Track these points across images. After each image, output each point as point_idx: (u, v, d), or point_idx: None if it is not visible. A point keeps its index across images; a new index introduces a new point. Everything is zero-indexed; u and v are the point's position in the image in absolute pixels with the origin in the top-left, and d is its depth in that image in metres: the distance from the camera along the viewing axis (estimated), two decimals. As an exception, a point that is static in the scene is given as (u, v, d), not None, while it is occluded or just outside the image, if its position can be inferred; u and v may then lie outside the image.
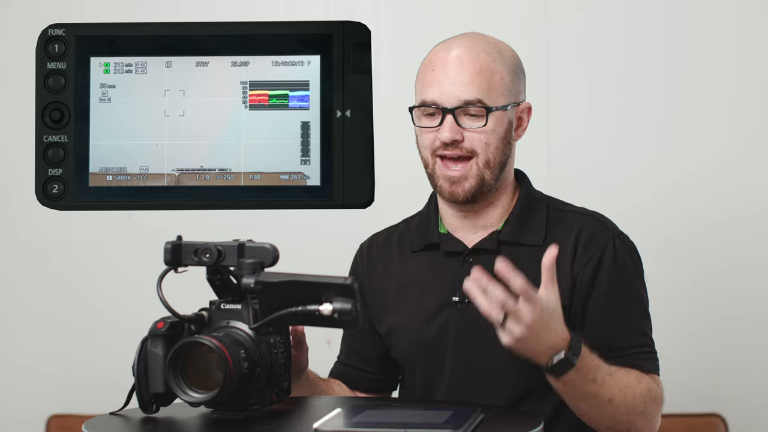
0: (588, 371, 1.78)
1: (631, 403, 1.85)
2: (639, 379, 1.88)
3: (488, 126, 1.93)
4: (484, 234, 2.00)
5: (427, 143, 1.96)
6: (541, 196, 2.05)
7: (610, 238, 1.98)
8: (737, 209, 2.97)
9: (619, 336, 1.93)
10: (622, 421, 1.85)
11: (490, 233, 2.00)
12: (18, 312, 3.17)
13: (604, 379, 1.81)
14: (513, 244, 1.98)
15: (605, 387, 1.81)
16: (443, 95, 1.93)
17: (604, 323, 1.93)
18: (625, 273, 1.97)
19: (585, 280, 1.94)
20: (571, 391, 1.79)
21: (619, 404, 1.84)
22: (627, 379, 1.86)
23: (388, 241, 2.09)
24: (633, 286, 1.97)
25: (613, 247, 1.96)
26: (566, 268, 1.95)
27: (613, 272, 1.95)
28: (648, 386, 1.89)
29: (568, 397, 1.81)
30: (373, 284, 2.05)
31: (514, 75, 1.98)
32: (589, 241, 1.97)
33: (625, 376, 1.86)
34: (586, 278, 1.94)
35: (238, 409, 1.55)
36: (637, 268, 2.00)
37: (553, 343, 1.73)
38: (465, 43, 1.97)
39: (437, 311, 1.98)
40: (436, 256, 2.02)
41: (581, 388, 1.79)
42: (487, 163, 1.95)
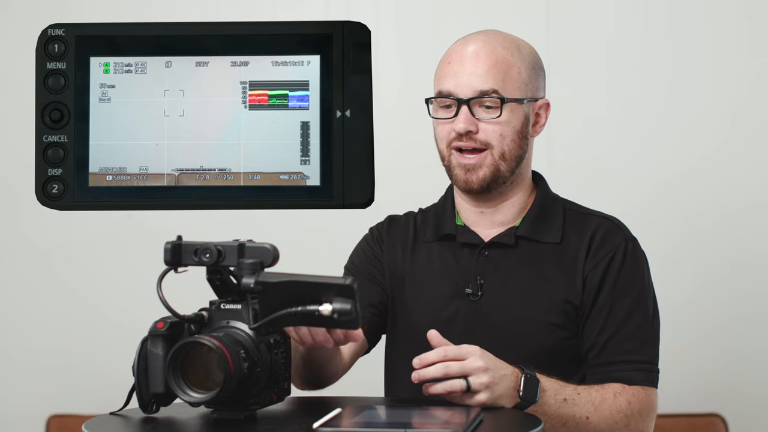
0: (555, 392, 1.81)
1: (610, 419, 1.86)
2: (616, 393, 1.88)
3: (503, 117, 1.94)
4: (502, 229, 2.01)
5: (443, 135, 1.97)
6: (558, 197, 2.07)
7: (623, 241, 1.98)
8: (738, 209, 2.97)
9: (615, 339, 1.93)
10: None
11: (508, 228, 2.00)
12: (18, 312, 3.17)
13: (574, 397, 1.83)
14: (530, 241, 1.99)
15: (578, 406, 1.83)
16: (459, 86, 1.95)
17: (605, 325, 1.94)
18: (632, 278, 1.97)
19: (594, 280, 1.96)
20: (550, 419, 1.81)
21: (598, 421, 1.85)
22: (600, 395, 1.87)
23: (406, 225, 2.09)
24: (639, 292, 1.97)
25: (624, 251, 1.97)
26: (579, 266, 1.96)
27: (620, 275, 1.96)
28: (628, 399, 1.89)
29: (550, 426, 1.82)
30: (390, 260, 2.05)
31: (532, 70, 1.99)
32: (603, 242, 1.98)
33: (598, 392, 1.87)
34: (596, 278, 1.96)
35: (238, 409, 1.55)
36: (645, 276, 2.00)
37: (511, 375, 1.75)
38: (483, 38, 1.98)
39: (448, 301, 1.98)
40: (450, 247, 2.02)
41: (556, 412, 1.81)
42: (503, 155, 1.95)
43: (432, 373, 1.72)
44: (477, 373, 1.71)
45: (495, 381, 1.72)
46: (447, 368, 1.71)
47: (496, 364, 1.74)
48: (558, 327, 1.93)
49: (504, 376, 1.73)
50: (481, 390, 1.71)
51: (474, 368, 1.71)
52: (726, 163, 2.97)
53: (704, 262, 2.96)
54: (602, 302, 1.95)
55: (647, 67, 2.99)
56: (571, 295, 1.95)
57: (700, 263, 2.97)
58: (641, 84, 2.99)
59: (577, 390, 1.84)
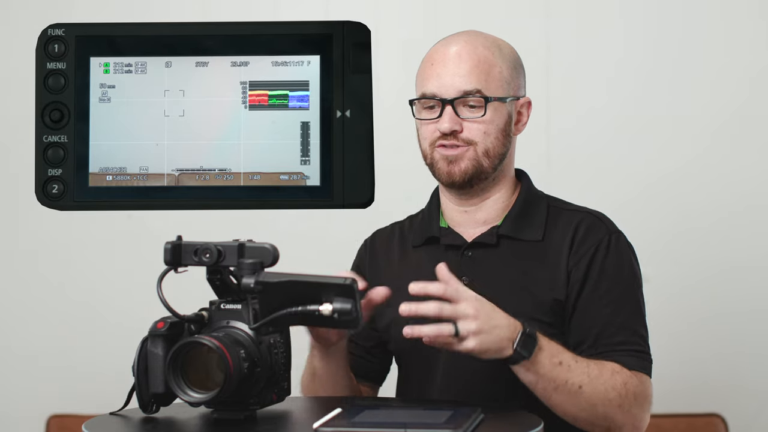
0: (552, 354, 1.80)
1: (603, 394, 1.84)
2: (614, 371, 1.87)
3: (487, 116, 1.96)
4: (484, 229, 2.01)
5: (427, 135, 1.98)
6: (542, 194, 2.07)
7: (606, 234, 1.98)
8: (738, 208, 2.97)
9: (607, 331, 1.93)
10: (599, 414, 1.85)
11: (490, 228, 2.01)
12: (18, 312, 3.17)
13: (570, 364, 1.82)
14: (512, 239, 2.00)
15: (573, 372, 1.81)
16: (442, 87, 1.96)
17: (593, 318, 1.94)
18: (617, 270, 1.97)
19: (578, 275, 1.95)
20: (542, 380, 1.80)
21: (591, 393, 1.83)
22: (598, 369, 1.85)
23: (391, 236, 2.12)
24: (626, 283, 1.97)
25: (607, 244, 1.97)
26: (562, 262, 1.96)
27: (605, 268, 1.96)
28: (624, 380, 1.87)
29: (540, 388, 1.81)
30: (375, 278, 2.06)
31: (513, 69, 2.01)
32: (585, 237, 1.98)
33: (596, 366, 1.85)
34: (580, 273, 1.95)
35: (238, 409, 1.55)
36: (632, 268, 2.00)
37: (507, 328, 1.75)
38: (464, 38, 2.00)
39: None
40: (436, 250, 2.03)
41: (550, 373, 1.80)
42: (486, 152, 1.97)
43: (423, 310, 1.72)
44: (466, 320, 1.71)
45: (484, 330, 1.72)
46: (440, 308, 1.72)
47: (489, 313, 1.73)
48: (543, 324, 1.92)
49: (497, 326, 1.73)
50: (468, 336, 1.71)
51: (464, 314, 1.72)
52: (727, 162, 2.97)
53: (704, 262, 2.96)
54: (588, 296, 1.94)
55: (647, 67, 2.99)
56: (556, 292, 1.95)
57: (700, 262, 2.97)
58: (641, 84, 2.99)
59: (576, 358, 1.84)
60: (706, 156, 2.97)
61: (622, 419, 1.87)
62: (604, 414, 1.85)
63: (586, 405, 1.84)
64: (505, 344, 1.75)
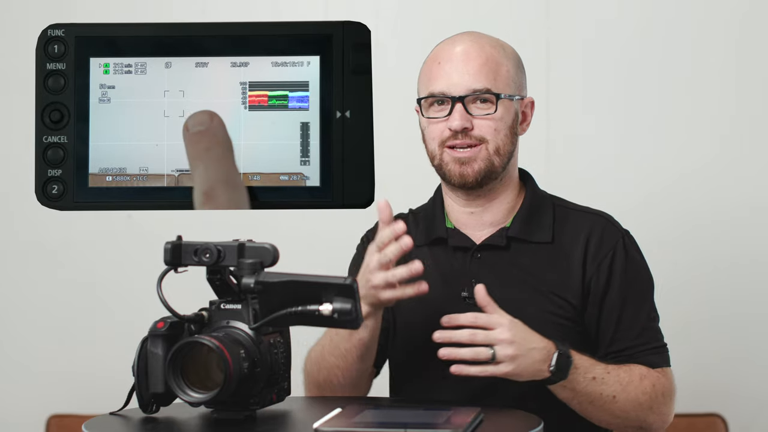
0: (585, 370, 1.84)
1: (635, 400, 1.89)
2: (642, 375, 1.91)
3: (498, 113, 1.95)
4: (491, 231, 2.01)
5: (436, 134, 1.97)
6: (547, 195, 2.07)
7: (619, 237, 2.00)
8: (738, 207, 2.97)
9: (631, 335, 1.96)
10: (631, 418, 1.90)
11: (499, 230, 2.00)
12: (18, 312, 3.17)
13: (603, 376, 1.86)
14: (521, 241, 1.99)
15: (606, 384, 1.86)
16: (452, 85, 1.95)
17: (619, 323, 1.97)
18: (635, 272, 2.00)
19: (600, 281, 1.97)
20: (578, 396, 1.84)
21: (625, 401, 1.88)
22: (628, 376, 1.90)
23: None
24: (642, 281, 2.01)
25: (623, 246, 1.99)
26: (576, 267, 1.97)
27: (625, 272, 1.98)
28: (653, 381, 1.92)
29: (577, 402, 1.86)
30: None
31: (517, 69, 2.01)
32: (600, 241, 1.99)
33: (626, 373, 1.90)
34: (602, 279, 1.97)
35: (238, 409, 1.56)
36: (644, 264, 2.03)
37: (542, 350, 1.79)
38: (469, 38, 1.99)
39: (445, 305, 1.97)
40: (442, 250, 2.02)
41: (585, 389, 1.84)
42: (497, 150, 1.96)
43: (458, 336, 1.75)
44: (503, 345, 1.75)
45: (521, 354, 1.76)
46: (473, 336, 1.75)
47: (525, 336, 1.77)
48: (555, 325, 1.93)
49: (533, 349, 1.77)
50: (505, 361, 1.75)
51: (500, 339, 1.75)
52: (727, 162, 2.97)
53: (704, 261, 2.96)
54: (612, 302, 1.97)
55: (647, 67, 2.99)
56: (567, 294, 1.96)
57: (700, 262, 2.97)
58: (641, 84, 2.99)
59: (607, 369, 1.87)
60: (706, 156, 2.97)
61: (653, 419, 1.93)
62: (636, 417, 1.91)
63: (620, 413, 1.89)
64: (541, 366, 1.79)
